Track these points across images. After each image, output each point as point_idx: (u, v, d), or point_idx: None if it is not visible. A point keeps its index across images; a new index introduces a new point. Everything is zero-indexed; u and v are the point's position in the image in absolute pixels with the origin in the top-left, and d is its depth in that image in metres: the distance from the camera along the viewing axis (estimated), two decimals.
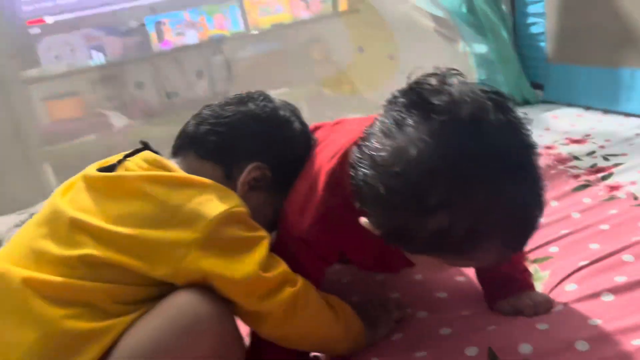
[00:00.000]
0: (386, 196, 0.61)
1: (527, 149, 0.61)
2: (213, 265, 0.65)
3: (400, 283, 0.96)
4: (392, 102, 0.65)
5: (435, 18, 1.90)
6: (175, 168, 0.74)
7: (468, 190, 0.58)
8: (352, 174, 0.66)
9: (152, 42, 2.11)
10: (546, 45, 1.84)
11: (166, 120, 1.96)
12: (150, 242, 0.64)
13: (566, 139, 1.51)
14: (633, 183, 1.17)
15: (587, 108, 1.70)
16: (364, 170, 0.63)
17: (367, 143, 0.64)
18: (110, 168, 0.72)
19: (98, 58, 2.10)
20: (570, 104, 1.76)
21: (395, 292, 0.94)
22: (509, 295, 0.85)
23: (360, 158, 0.64)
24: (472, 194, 0.58)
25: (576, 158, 1.37)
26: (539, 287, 0.90)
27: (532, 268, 0.95)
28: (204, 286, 0.66)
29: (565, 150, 1.43)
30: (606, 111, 1.65)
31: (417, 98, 0.61)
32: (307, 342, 0.77)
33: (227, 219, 0.67)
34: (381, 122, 0.64)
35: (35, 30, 2.02)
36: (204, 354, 0.64)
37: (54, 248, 0.65)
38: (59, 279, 0.62)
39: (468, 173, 0.58)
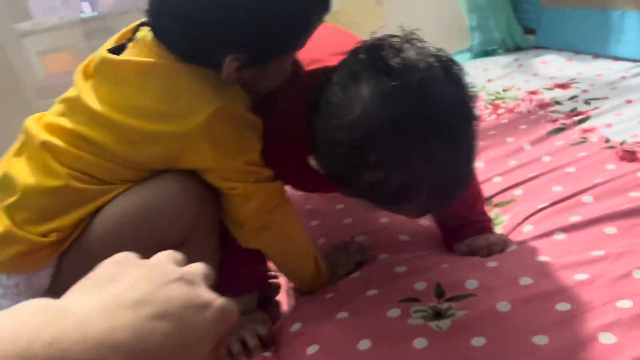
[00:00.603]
0: (331, 145, 0.65)
1: (467, 120, 0.65)
2: (208, 160, 0.70)
3: (366, 227, 0.99)
4: (354, 54, 0.67)
5: None
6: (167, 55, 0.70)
7: (405, 153, 0.62)
8: (307, 113, 0.69)
9: None
10: None
11: None
12: (151, 135, 0.68)
13: (552, 84, 1.49)
14: (608, 125, 1.16)
15: (578, 52, 1.67)
16: (317, 114, 0.67)
17: (324, 88, 0.67)
18: (121, 47, 0.73)
19: (90, 9, 2.09)
20: (561, 49, 1.73)
21: (360, 236, 0.97)
22: (466, 237, 0.87)
23: (316, 101, 0.67)
24: (407, 157, 0.62)
25: (557, 103, 1.36)
26: (499, 230, 0.92)
27: (493, 212, 0.96)
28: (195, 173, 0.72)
29: (549, 95, 1.42)
30: (596, 55, 1.62)
31: (376, 56, 0.64)
32: (282, 249, 0.81)
33: (220, 116, 0.67)
34: (340, 73, 0.66)
35: None
36: (179, 230, 0.71)
37: (71, 125, 0.70)
38: (71, 149, 0.69)
39: (407, 137, 0.61)
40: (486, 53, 1.88)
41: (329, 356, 0.68)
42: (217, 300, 0.34)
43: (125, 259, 0.35)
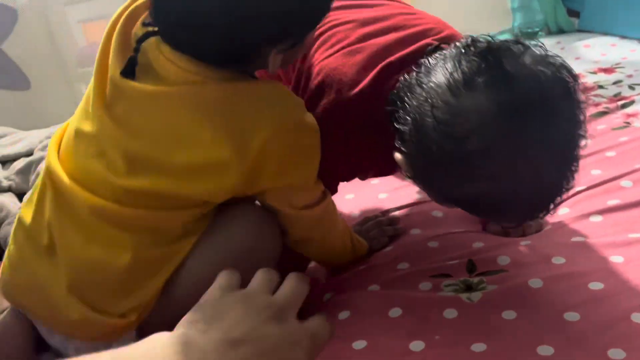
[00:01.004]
0: (435, 152, 0.60)
1: (579, 142, 0.61)
2: (269, 181, 0.66)
3: (400, 202, 0.99)
4: (465, 53, 0.61)
5: None
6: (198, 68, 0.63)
7: (516, 171, 0.59)
8: (399, 109, 0.63)
9: None
10: None
11: None
12: (211, 167, 0.63)
13: (596, 68, 1.46)
14: None
15: (623, 37, 1.62)
16: (417, 117, 0.61)
17: (424, 85, 0.61)
18: (132, 63, 0.63)
19: None
20: (606, 33, 1.69)
21: (393, 211, 0.97)
22: None
23: (414, 100, 0.62)
24: (518, 175, 0.59)
25: (601, 87, 1.33)
26: None
27: None
28: (254, 201, 0.70)
29: (592, 79, 1.39)
30: None
31: (494, 61, 0.59)
32: (322, 254, 0.82)
33: (280, 134, 0.63)
34: (449, 73, 0.60)
35: None
36: (261, 263, 0.67)
37: (111, 177, 0.64)
38: (125, 209, 0.63)
39: (522, 155, 0.59)
40: (527, 35, 1.84)
41: (360, 321, 0.70)
42: (307, 333, 0.39)
43: (225, 294, 0.40)
